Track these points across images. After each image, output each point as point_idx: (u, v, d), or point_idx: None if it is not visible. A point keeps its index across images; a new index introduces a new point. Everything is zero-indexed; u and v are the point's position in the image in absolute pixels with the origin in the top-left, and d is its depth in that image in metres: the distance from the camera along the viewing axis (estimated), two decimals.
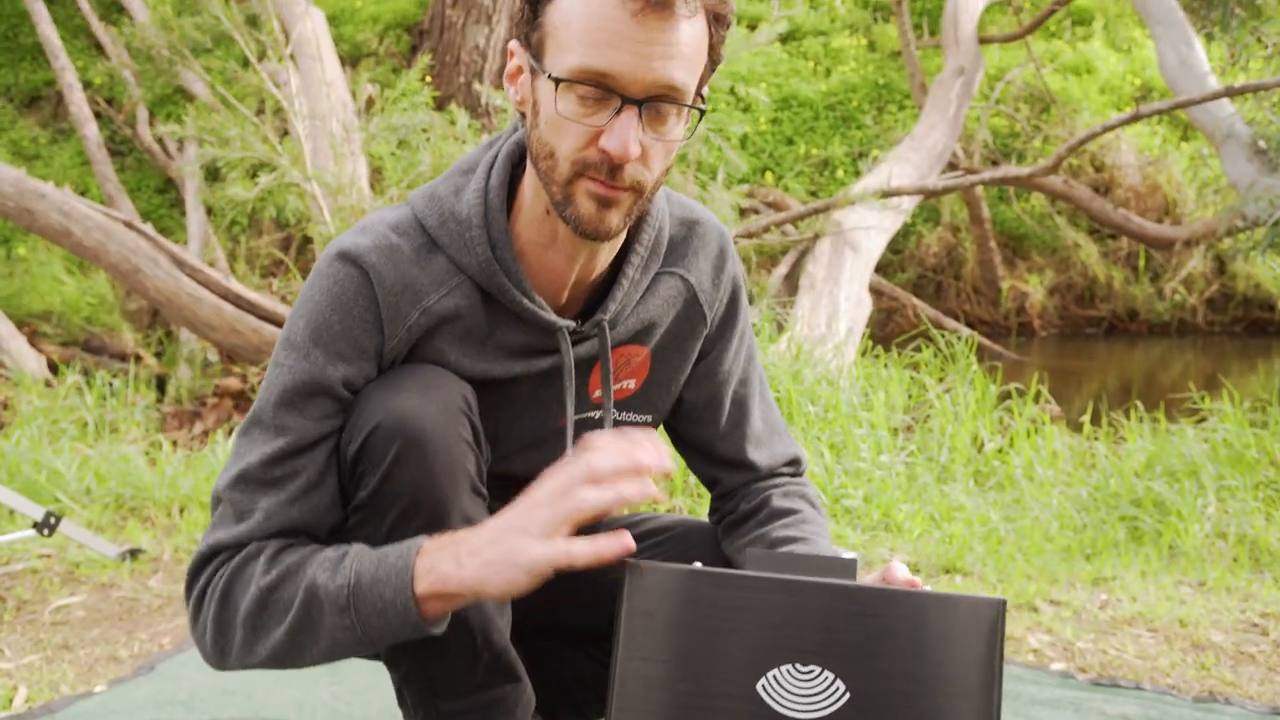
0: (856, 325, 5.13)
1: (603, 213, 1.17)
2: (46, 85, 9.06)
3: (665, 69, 1.12)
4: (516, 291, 1.24)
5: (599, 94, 1.12)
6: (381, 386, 1.19)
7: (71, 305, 7.10)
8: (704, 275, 1.37)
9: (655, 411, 1.40)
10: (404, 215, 1.26)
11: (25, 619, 2.42)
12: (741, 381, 1.44)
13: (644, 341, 1.35)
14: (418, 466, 1.15)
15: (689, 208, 1.39)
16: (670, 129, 1.16)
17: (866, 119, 8.89)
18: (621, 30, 1.10)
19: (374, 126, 5.42)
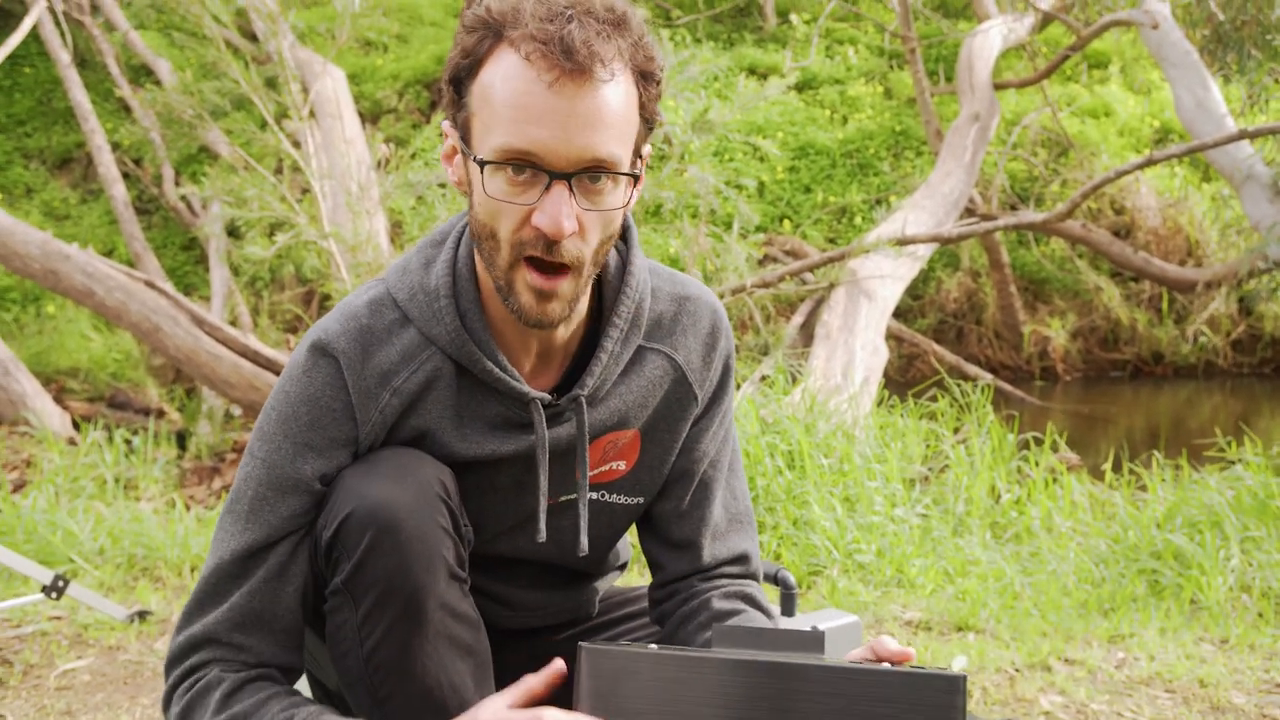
0: (872, 375, 5.10)
1: (543, 305, 1.15)
2: (77, 147, 9.24)
3: (590, 140, 1.09)
4: (488, 361, 1.22)
5: (526, 172, 1.10)
6: (356, 472, 1.18)
7: (98, 362, 7.19)
8: (693, 354, 1.33)
9: (645, 494, 1.36)
10: (379, 292, 1.26)
11: (31, 683, 2.42)
12: (712, 463, 1.39)
13: (630, 424, 1.31)
14: (391, 554, 1.14)
15: (681, 283, 1.35)
16: (606, 198, 1.14)
17: (884, 166, 8.91)
18: (540, 104, 1.08)
19: (390, 183, 5.49)
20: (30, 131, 9.60)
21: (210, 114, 5.65)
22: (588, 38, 1.08)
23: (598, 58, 1.08)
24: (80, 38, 8.75)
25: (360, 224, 5.37)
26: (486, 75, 1.12)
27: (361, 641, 1.16)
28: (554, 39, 1.07)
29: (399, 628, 1.14)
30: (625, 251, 1.30)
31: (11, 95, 9.77)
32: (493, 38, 1.11)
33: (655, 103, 1.17)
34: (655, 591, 1.41)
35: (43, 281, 5.35)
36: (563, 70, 1.07)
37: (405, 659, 1.15)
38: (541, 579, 1.38)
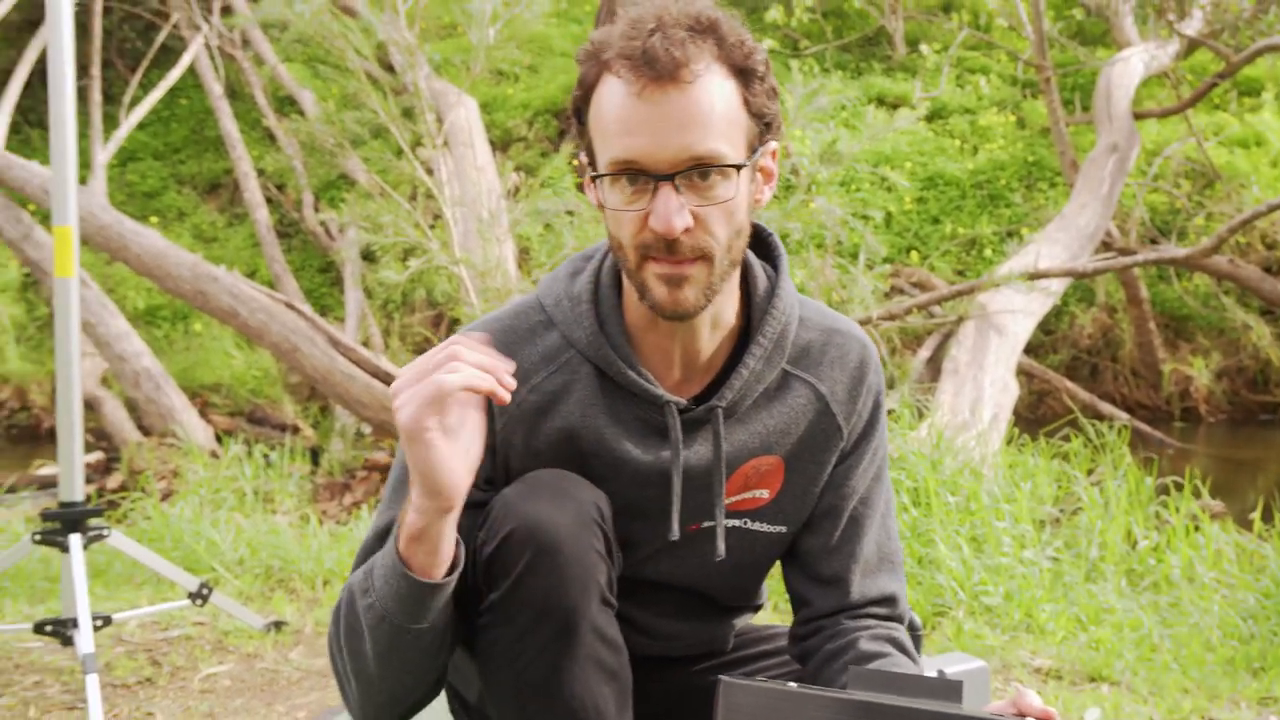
0: (1001, 412, 4.98)
1: (675, 291, 1.19)
2: (225, 174, 9.69)
3: (684, 140, 1.14)
4: (623, 364, 1.26)
5: (634, 180, 1.16)
6: (517, 491, 1.21)
7: (239, 378, 7.51)
8: (839, 386, 1.34)
9: (789, 523, 1.37)
10: (527, 298, 1.34)
11: (177, 685, 2.53)
12: (863, 500, 1.39)
13: (773, 450, 1.32)
14: (549, 576, 1.16)
15: (832, 317, 1.37)
16: (716, 192, 1.17)
17: (1015, 197, 8.71)
18: (633, 114, 1.14)
19: (520, 211, 5.60)
20: (184, 159, 10.11)
21: (350, 142, 5.86)
22: (669, 44, 1.14)
23: (679, 61, 1.13)
24: (231, 70, 9.20)
25: (490, 250, 5.49)
26: (595, 100, 1.19)
27: (513, 659, 1.18)
28: (637, 51, 1.14)
29: (551, 648, 1.16)
30: (775, 276, 1.33)
31: (169, 125, 10.31)
32: (597, 65, 1.19)
33: (765, 99, 1.21)
34: (799, 628, 1.41)
35: (192, 301, 5.61)
36: (648, 78, 1.13)
37: (554, 680, 1.17)
38: (683, 608, 1.40)
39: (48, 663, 2.66)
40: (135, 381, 5.98)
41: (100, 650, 2.71)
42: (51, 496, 5.57)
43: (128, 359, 5.97)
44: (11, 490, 5.26)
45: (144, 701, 2.43)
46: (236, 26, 8.61)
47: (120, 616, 2.61)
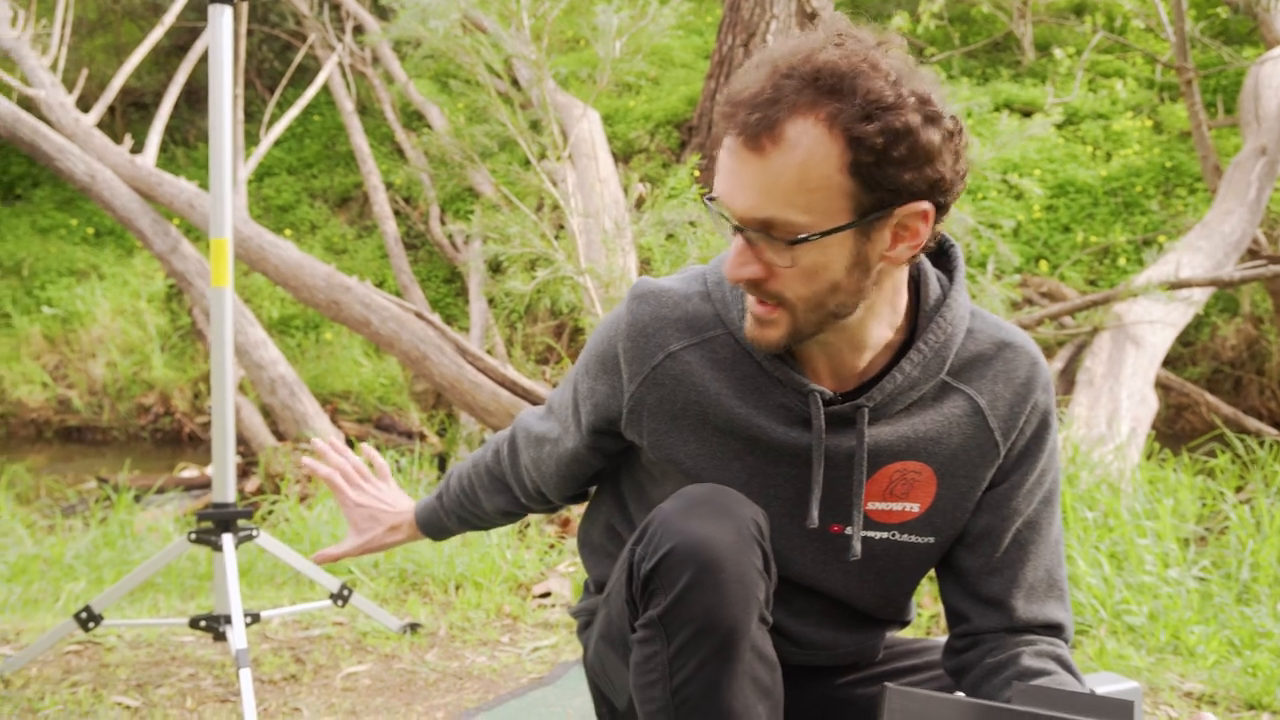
0: (1140, 425, 4.80)
1: (760, 328, 1.24)
2: (355, 187, 10.01)
3: (752, 202, 1.16)
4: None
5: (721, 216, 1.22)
6: (676, 508, 1.22)
7: (367, 386, 7.73)
8: (1000, 400, 1.31)
9: (940, 535, 1.35)
10: (701, 267, 1.38)
11: (321, 682, 2.62)
12: (1029, 524, 1.35)
13: (923, 458, 1.30)
14: (711, 594, 1.16)
15: (1006, 331, 1.35)
16: (786, 255, 1.17)
17: (1152, 204, 8.40)
18: (724, 162, 1.19)
19: (644, 222, 5.64)
20: (316, 173, 10.48)
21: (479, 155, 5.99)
22: (769, 107, 1.13)
23: (766, 127, 1.13)
24: (362, 87, 9.51)
25: (614, 260, 5.54)
26: None
27: (671, 675, 1.19)
28: (744, 103, 1.15)
29: (710, 666, 1.16)
30: (948, 286, 1.32)
31: (302, 141, 10.70)
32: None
33: (894, 165, 1.12)
34: (955, 640, 1.38)
35: (326, 311, 5.81)
36: (739, 136, 1.16)
37: (713, 697, 1.17)
38: (831, 617, 1.39)
39: (200, 656, 2.77)
40: (271, 388, 6.21)
41: (248, 647, 2.82)
42: (195, 498, 5.83)
43: (264, 366, 6.21)
44: (159, 491, 5.52)
45: (290, 697, 2.51)
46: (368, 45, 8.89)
47: (267, 614, 2.71)
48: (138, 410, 8.38)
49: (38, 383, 8.58)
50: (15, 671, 2.59)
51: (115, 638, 2.91)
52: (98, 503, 4.98)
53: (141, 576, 2.65)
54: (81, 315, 8.84)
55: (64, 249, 9.81)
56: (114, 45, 11.61)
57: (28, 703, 2.42)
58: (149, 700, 2.46)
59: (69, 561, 3.75)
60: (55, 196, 10.68)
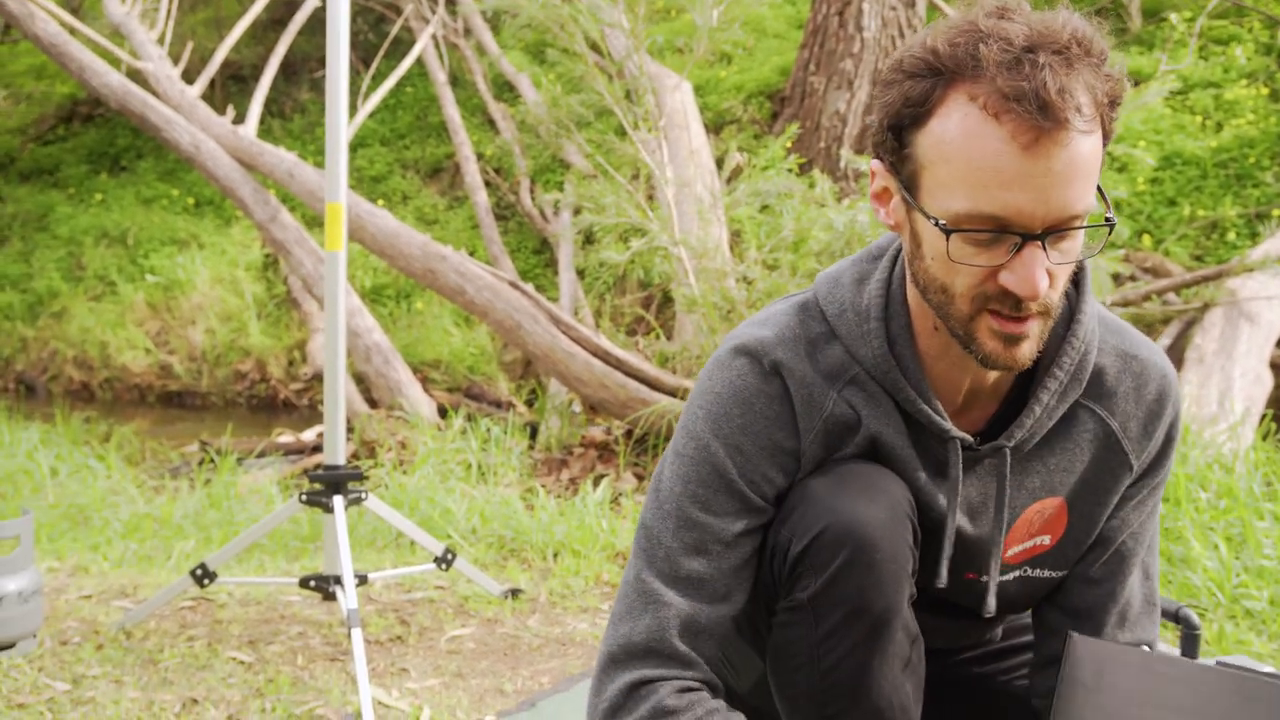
0: (1254, 405, 4.63)
1: (1012, 349, 1.09)
2: (447, 158, 10.09)
3: (1067, 198, 1.01)
4: (912, 390, 1.17)
5: (994, 235, 1.03)
6: (826, 486, 1.17)
7: (457, 355, 7.82)
8: (1131, 420, 1.22)
9: (1067, 566, 1.27)
10: (807, 300, 1.24)
11: (426, 644, 2.66)
12: (1133, 535, 1.27)
13: (1056, 492, 1.23)
14: (866, 574, 1.12)
15: (1131, 341, 1.24)
16: (1076, 246, 1.06)
17: (1266, 176, 8.06)
18: (1012, 168, 1.00)
19: (740, 193, 5.59)
20: (408, 145, 10.58)
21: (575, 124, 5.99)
22: (1061, 85, 0.98)
23: (1074, 107, 0.99)
24: (455, 59, 9.56)
25: (708, 231, 5.50)
26: (941, 128, 1.04)
27: (819, 658, 1.15)
28: (1026, 95, 0.98)
29: (863, 647, 1.13)
30: (1075, 297, 1.20)
31: (395, 113, 10.81)
32: (945, 85, 1.04)
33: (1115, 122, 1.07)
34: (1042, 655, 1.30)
35: (421, 279, 5.88)
36: (1040, 130, 0.99)
37: (864, 678, 1.14)
38: (954, 612, 1.34)
39: (308, 616, 2.83)
40: (366, 356, 6.30)
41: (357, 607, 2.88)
42: (291, 463, 5.96)
43: (360, 334, 6.30)
44: (260, 455, 5.66)
45: (397, 658, 2.56)
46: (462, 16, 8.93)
47: (375, 576, 2.75)
48: (235, 376, 8.60)
49: (141, 348, 8.84)
50: (136, 624, 2.67)
51: (227, 595, 2.99)
52: (201, 465, 5.13)
53: (254, 536, 2.71)
54: (182, 283, 9.08)
55: (166, 219, 10.07)
56: (215, 19, 11.85)
57: (148, 654, 2.50)
58: (261, 656, 2.52)
59: (178, 521, 3.87)
60: (158, 168, 10.97)
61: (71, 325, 9.12)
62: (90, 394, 8.84)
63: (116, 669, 2.41)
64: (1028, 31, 1.01)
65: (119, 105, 5.98)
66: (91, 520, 3.92)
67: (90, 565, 3.31)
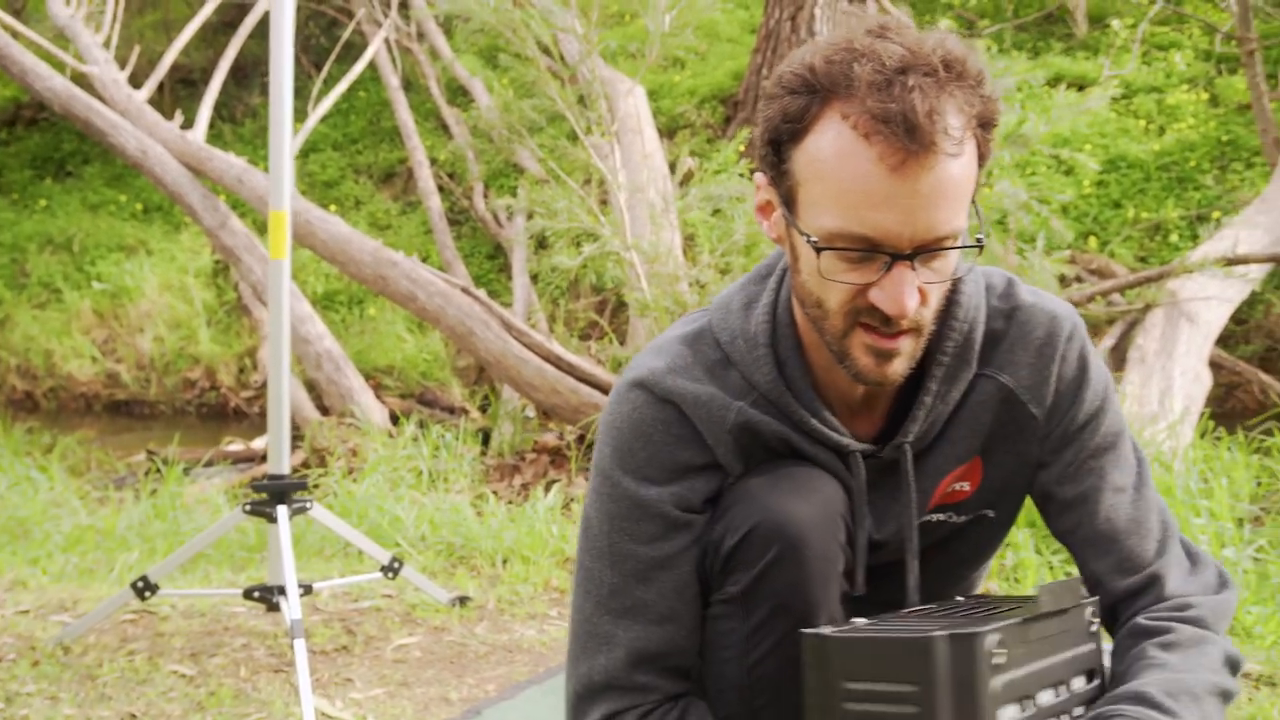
0: (1194, 403, 4.72)
1: (883, 365, 1.11)
2: (400, 163, 10.04)
3: (935, 220, 1.03)
4: (804, 411, 1.19)
5: (863, 253, 1.05)
6: (761, 484, 1.19)
7: (410, 362, 7.78)
8: (1023, 371, 1.22)
9: (995, 508, 1.29)
10: (702, 327, 1.26)
11: (371, 654, 2.64)
12: (1097, 473, 1.24)
13: (971, 455, 1.24)
14: (795, 570, 1.14)
15: (1011, 295, 1.24)
16: (946, 265, 1.08)
17: (1207, 179, 8.22)
18: (880, 189, 1.01)
19: (691, 197, 5.61)
20: (361, 150, 10.52)
21: (526, 129, 5.98)
22: (930, 107, 1.00)
23: (942, 130, 1.01)
24: (407, 63, 9.50)
25: (660, 236, 5.52)
26: (815, 146, 1.06)
27: (748, 651, 1.18)
28: (895, 116, 1.00)
29: (788, 643, 1.14)
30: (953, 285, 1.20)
31: (347, 117, 10.73)
32: (820, 103, 1.05)
33: (991, 144, 1.09)
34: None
35: (372, 285, 5.84)
36: (907, 152, 1.00)
37: (788, 673, 1.15)
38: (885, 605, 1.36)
39: (253, 627, 2.80)
40: (317, 363, 6.25)
41: (301, 618, 2.85)
42: (241, 472, 5.90)
43: (311, 341, 6.25)
44: (207, 465, 5.59)
45: (342, 668, 2.54)
46: (415, 20, 8.88)
47: (320, 586, 2.73)
48: (184, 384, 8.49)
49: (87, 357, 8.71)
50: (74, 639, 2.63)
51: (169, 608, 2.95)
52: (147, 475, 5.06)
53: (197, 547, 2.69)
54: (130, 290, 8.95)
55: (113, 225, 9.92)
56: (164, 22, 11.69)
57: (86, 670, 2.47)
58: (204, 669, 2.50)
59: (121, 532, 3.81)
60: (105, 173, 10.80)
61: (15, 333, 8.96)
62: (34, 404, 8.68)
63: (53, 685, 2.38)
64: (902, 52, 1.02)
65: (63, 109, 5.88)
66: (32, 533, 3.85)
67: (29, 579, 3.25)
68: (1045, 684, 1.03)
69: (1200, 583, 1.21)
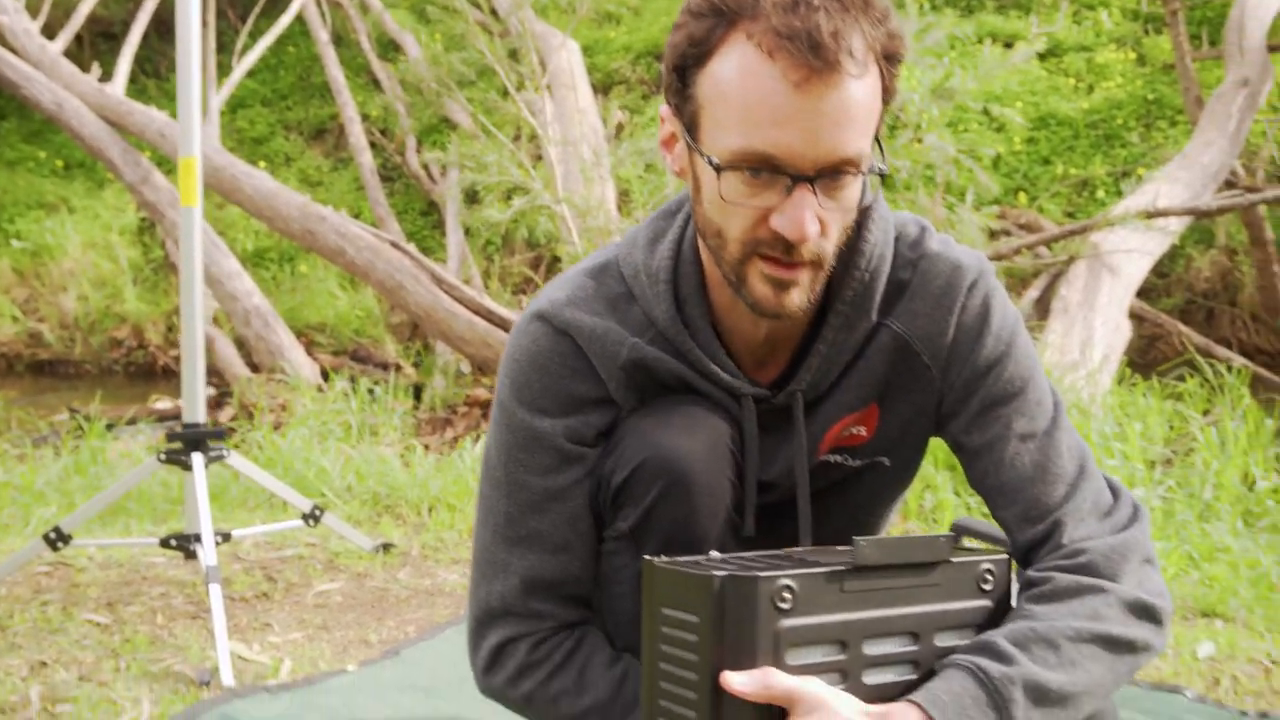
0: (1113, 352, 4.83)
1: (781, 295, 1.09)
2: (331, 119, 9.88)
3: (837, 141, 1.02)
4: (700, 351, 1.19)
5: (766, 175, 1.04)
6: (649, 420, 1.18)
7: (343, 318, 7.70)
8: (919, 319, 1.20)
9: (890, 456, 1.28)
10: (608, 260, 1.25)
11: (292, 600, 2.63)
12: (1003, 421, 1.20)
13: (867, 402, 1.24)
14: (682, 505, 1.15)
15: (920, 244, 1.23)
16: (849, 193, 1.07)
17: (1132, 137, 8.37)
18: (783, 106, 1.00)
19: (623, 151, 5.60)
20: (291, 105, 10.33)
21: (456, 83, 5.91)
22: (835, 28, 1.00)
23: (846, 51, 1.00)
24: (337, 18, 9.33)
25: (592, 190, 5.50)
26: (719, 67, 1.04)
27: (637, 588, 1.17)
28: (799, 33, 0.99)
29: None
30: (856, 227, 1.18)
31: (276, 72, 10.53)
32: (725, 25, 1.04)
33: (896, 80, 1.09)
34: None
35: (301, 241, 5.76)
36: (810, 68, 0.99)
37: None
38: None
39: (172, 577, 2.78)
40: (245, 319, 6.16)
41: (219, 567, 2.83)
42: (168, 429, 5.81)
43: (239, 297, 6.16)
44: (131, 422, 5.50)
45: (261, 613, 2.53)
46: None
47: (239, 533, 2.71)
48: (111, 344, 8.33)
49: (8, 316, 8.50)
50: None
51: (86, 559, 2.91)
52: (69, 434, 4.96)
53: (111, 497, 2.65)
54: (52, 249, 8.73)
55: (33, 182, 9.66)
56: None
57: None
58: (119, 617, 2.47)
59: (40, 488, 3.74)
60: (22, 129, 10.50)
61: None
62: None
63: None
64: None
65: None
66: None
67: None
68: (880, 634, 1.02)
69: (1111, 523, 1.17)
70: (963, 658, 1.04)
